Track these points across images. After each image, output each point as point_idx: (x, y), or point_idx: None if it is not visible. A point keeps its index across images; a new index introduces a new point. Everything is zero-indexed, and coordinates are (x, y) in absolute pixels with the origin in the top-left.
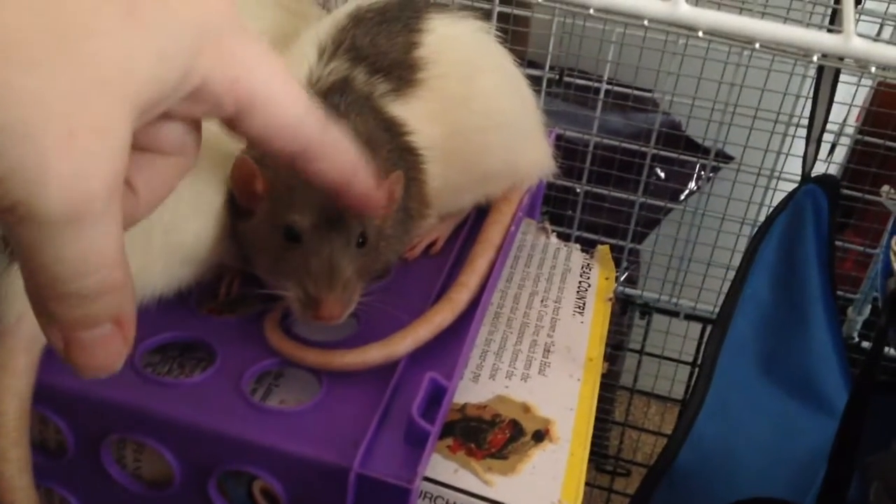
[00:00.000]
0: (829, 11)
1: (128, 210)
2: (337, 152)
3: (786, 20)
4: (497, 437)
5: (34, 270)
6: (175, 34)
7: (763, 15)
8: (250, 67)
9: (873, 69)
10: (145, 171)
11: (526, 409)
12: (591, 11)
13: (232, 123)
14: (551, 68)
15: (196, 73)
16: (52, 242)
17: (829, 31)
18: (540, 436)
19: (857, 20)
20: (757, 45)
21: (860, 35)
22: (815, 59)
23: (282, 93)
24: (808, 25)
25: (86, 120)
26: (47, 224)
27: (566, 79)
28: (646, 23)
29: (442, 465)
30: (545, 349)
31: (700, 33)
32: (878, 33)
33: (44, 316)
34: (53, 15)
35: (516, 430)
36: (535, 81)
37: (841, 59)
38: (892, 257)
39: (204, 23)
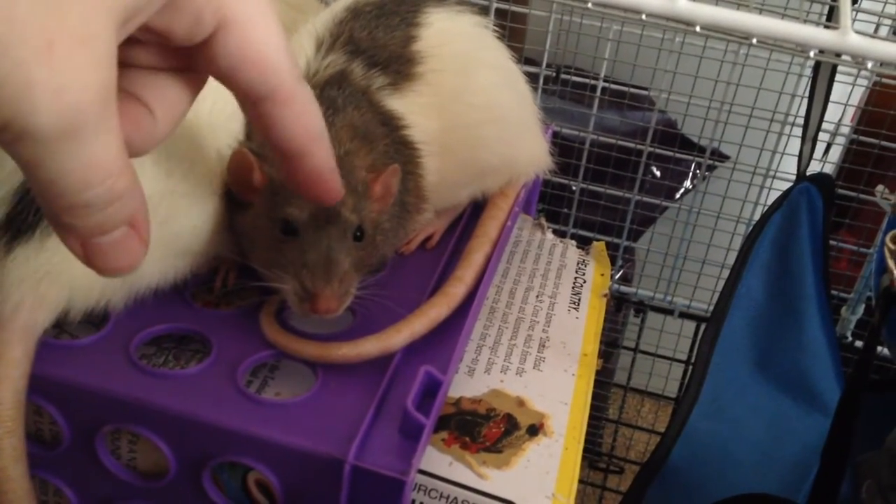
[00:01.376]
0: (826, 10)
1: (147, 128)
2: (306, 107)
3: (783, 17)
4: (492, 430)
5: (41, 186)
6: None
7: (761, 11)
8: None
9: (870, 65)
10: (155, 90)
11: (521, 403)
12: (590, 5)
13: (209, 48)
14: (548, 65)
15: None
16: (52, 157)
17: (826, 27)
18: (534, 430)
19: (854, 19)
20: (754, 41)
21: (857, 32)
22: (811, 54)
23: (261, 17)
24: (805, 22)
25: (64, 30)
26: (43, 139)
27: (563, 76)
28: (644, 17)
29: (436, 458)
30: (540, 344)
31: (698, 28)
32: (875, 31)
33: (60, 227)
34: None
35: (511, 423)
36: (531, 78)
37: (838, 55)
38: (887, 253)
39: None
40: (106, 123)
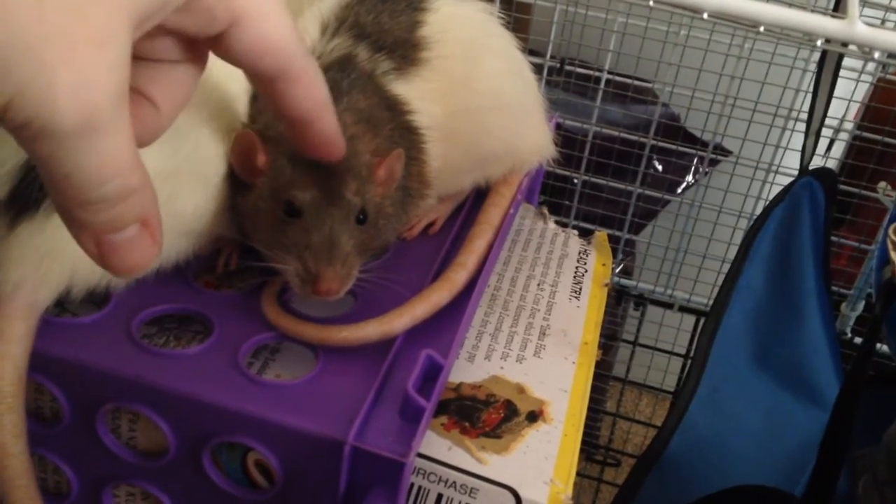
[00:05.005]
0: (833, 1)
1: (151, 122)
2: (314, 80)
3: (790, 6)
4: (491, 416)
5: (56, 182)
6: None
7: (768, 0)
8: None
9: (877, 55)
10: (160, 82)
11: (520, 389)
12: None
13: (223, 41)
14: (552, 57)
15: None
16: (68, 154)
17: (834, 17)
18: (534, 416)
19: (861, 11)
20: (761, 29)
21: (864, 23)
22: (818, 43)
23: (271, 8)
24: (812, 11)
25: (86, 32)
26: (60, 136)
27: (567, 68)
28: (651, 3)
29: (436, 443)
30: (541, 332)
31: (705, 15)
32: (882, 24)
33: (74, 225)
34: None
35: (510, 410)
36: (535, 70)
37: (845, 44)
38: (889, 245)
39: None
40: (119, 121)
